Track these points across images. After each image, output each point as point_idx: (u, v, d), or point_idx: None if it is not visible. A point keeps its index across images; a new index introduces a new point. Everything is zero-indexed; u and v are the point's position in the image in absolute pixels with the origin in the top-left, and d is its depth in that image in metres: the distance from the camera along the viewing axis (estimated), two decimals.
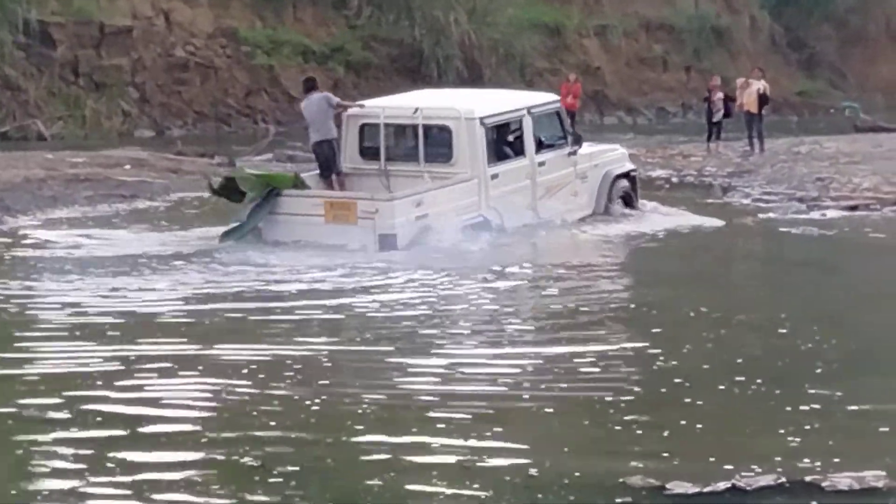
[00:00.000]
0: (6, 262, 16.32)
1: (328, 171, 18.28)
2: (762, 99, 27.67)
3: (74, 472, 8.11)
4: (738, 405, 9.81)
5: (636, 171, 20.69)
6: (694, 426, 9.20)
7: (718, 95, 28.62)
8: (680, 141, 33.31)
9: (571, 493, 7.79)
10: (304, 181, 17.94)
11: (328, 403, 9.71)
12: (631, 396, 9.91)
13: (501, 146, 18.33)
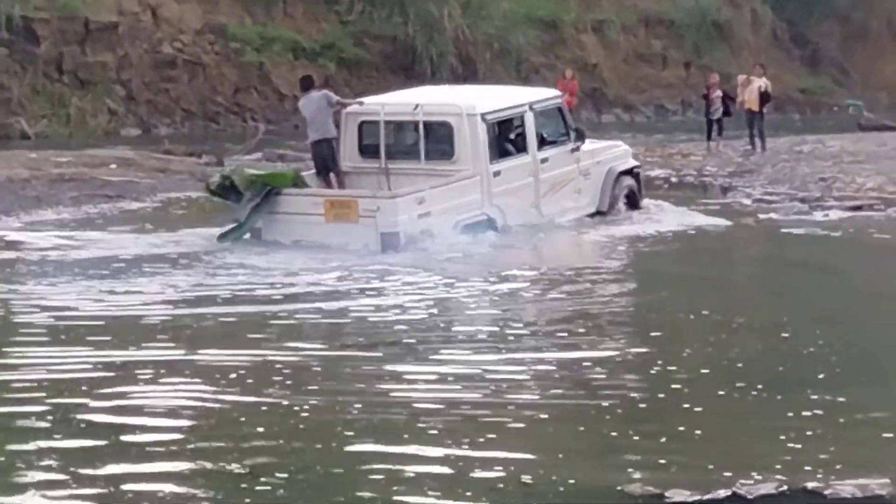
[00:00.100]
0: None
1: (325, 170, 18.16)
2: (763, 96, 27.51)
3: (57, 483, 7.91)
4: (738, 411, 9.68)
5: (640, 167, 20.57)
6: (693, 432, 9.06)
7: (717, 94, 28.54)
8: (680, 139, 33.29)
9: (568, 501, 7.66)
10: (303, 179, 17.84)
11: (319, 410, 9.55)
12: (629, 402, 9.79)
13: (503, 143, 18.21)
